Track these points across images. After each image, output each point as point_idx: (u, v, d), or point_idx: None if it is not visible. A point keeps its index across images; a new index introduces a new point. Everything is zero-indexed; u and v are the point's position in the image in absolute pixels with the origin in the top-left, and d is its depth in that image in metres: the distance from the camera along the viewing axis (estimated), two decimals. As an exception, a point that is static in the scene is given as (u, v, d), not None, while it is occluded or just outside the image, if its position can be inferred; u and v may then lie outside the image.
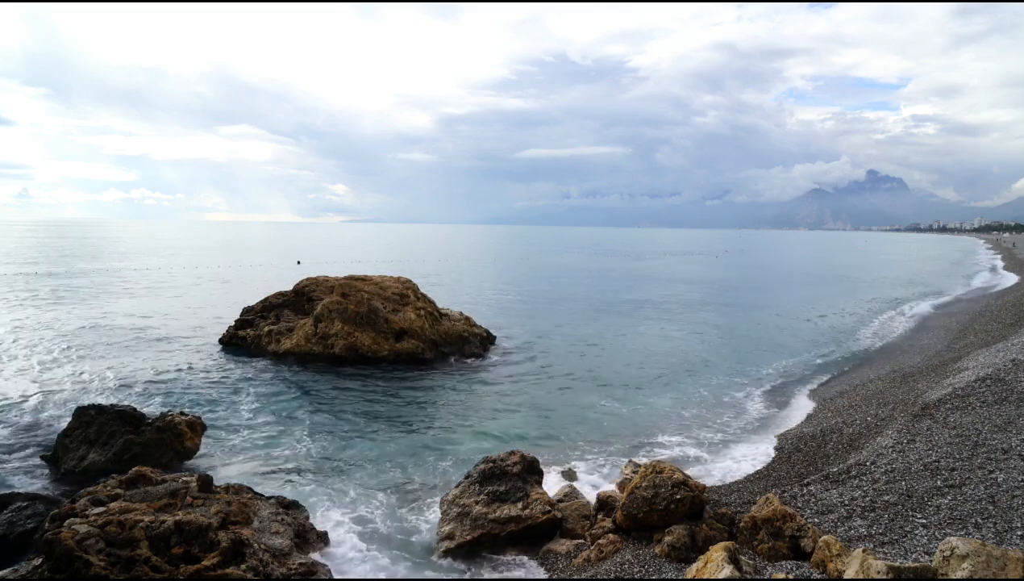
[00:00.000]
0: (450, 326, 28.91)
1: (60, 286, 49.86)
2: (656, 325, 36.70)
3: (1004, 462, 11.04)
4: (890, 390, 20.26)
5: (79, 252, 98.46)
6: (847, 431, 16.01)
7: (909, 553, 8.57)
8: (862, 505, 10.40)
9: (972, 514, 9.36)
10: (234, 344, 28.07)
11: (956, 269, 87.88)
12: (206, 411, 18.78)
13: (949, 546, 6.50)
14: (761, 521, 9.60)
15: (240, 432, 17.45)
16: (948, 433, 13.29)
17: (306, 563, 9.92)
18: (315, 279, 29.90)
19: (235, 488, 11.59)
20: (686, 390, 22.62)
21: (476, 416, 19.43)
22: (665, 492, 10.51)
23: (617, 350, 29.48)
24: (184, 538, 9.26)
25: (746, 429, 18.31)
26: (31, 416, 18.38)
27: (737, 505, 11.73)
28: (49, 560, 8.59)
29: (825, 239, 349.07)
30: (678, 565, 9.49)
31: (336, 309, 26.70)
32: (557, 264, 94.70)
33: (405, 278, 30.84)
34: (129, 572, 8.61)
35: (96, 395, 20.32)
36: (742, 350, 29.85)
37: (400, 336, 26.91)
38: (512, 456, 12.92)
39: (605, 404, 20.82)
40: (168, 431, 15.27)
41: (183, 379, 22.78)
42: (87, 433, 15.34)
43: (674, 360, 27.47)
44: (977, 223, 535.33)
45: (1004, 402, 14.90)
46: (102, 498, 10.29)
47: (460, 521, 11.72)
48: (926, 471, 11.32)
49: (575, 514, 12.02)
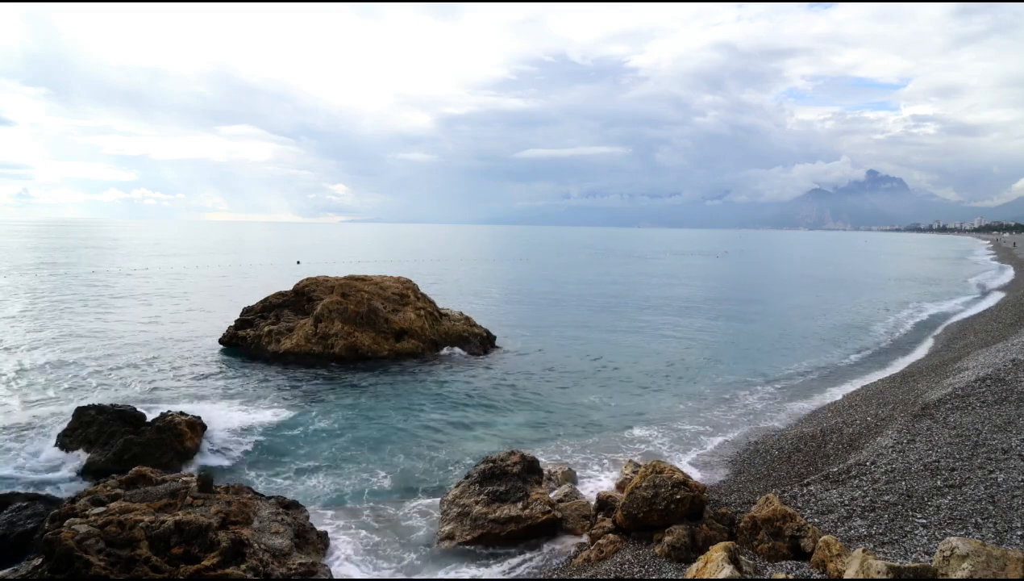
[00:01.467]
0: (450, 326, 28.91)
1: (60, 286, 49.87)
2: (656, 325, 36.70)
3: (1004, 462, 11.04)
4: (890, 390, 20.27)
5: (80, 252, 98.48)
6: (847, 431, 16.01)
7: (909, 553, 8.57)
8: (862, 505, 10.40)
9: (972, 514, 9.36)
10: (234, 344, 28.06)
11: (956, 269, 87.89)
12: (206, 411, 18.77)
13: (949, 546, 6.50)
14: (761, 521, 9.60)
15: (240, 432, 17.45)
16: (948, 433, 13.29)
17: (306, 563, 9.92)
18: (315, 279, 29.90)
19: (235, 488, 11.60)
20: (687, 390, 22.61)
21: (476, 416, 19.43)
22: (665, 492, 10.52)
23: (617, 350, 29.48)
24: (184, 538, 9.26)
25: (747, 428, 18.30)
26: (31, 416, 18.38)
27: (737, 505, 11.73)
28: (49, 560, 8.59)
29: (825, 239, 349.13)
30: (678, 565, 9.49)
31: (336, 309, 26.70)
32: (557, 264, 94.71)
33: (405, 278, 30.85)
34: (129, 572, 8.61)
35: (96, 395, 20.31)
36: (742, 350, 29.85)
37: (400, 336, 26.91)
38: (512, 456, 12.93)
39: (605, 404, 20.81)
40: (168, 431, 15.28)
41: (183, 379, 22.78)
42: (87, 433, 15.35)
43: (674, 360, 27.46)
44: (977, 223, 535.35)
45: (1004, 402, 14.91)
46: (102, 498, 10.30)
47: (460, 521, 11.73)
48: (926, 471, 11.32)
49: (575, 514, 12.02)
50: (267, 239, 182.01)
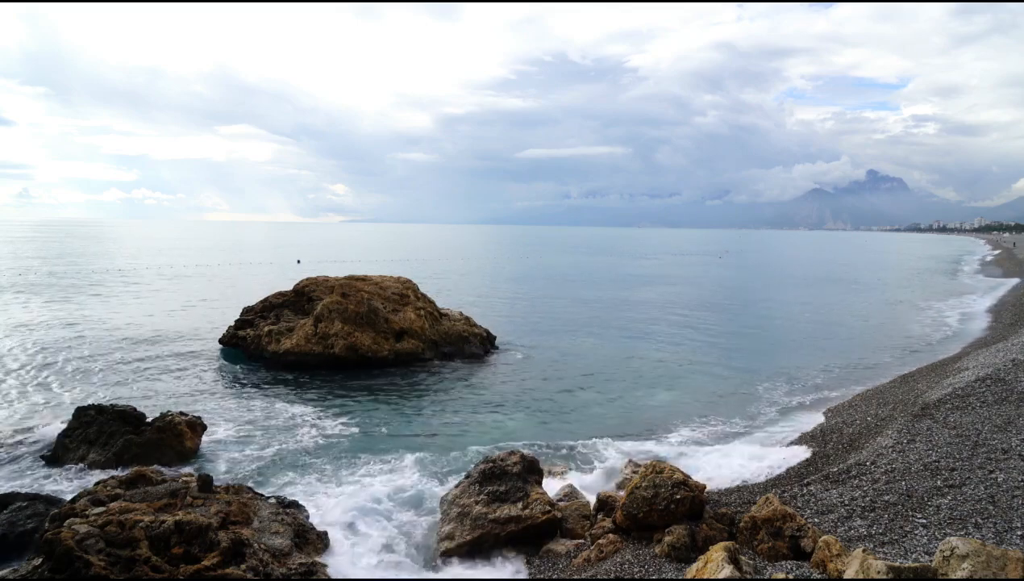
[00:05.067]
0: (450, 326, 28.90)
1: (61, 286, 49.87)
2: (656, 325, 36.70)
3: (1004, 462, 11.05)
4: (890, 390, 20.27)
5: (80, 252, 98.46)
6: (847, 431, 16.02)
7: (909, 553, 8.57)
8: (862, 505, 10.40)
9: (972, 514, 9.36)
10: (234, 344, 28.06)
11: (956, 269, 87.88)
12: (206, 411, 18.78)
13: (949, 546, 6.50)
14: (761, 521, 9.60)
15: (240, 432, 17.45)
16: (948, 433, 13.29)
17: (306, 563, 9.91)
18: (315, 279, 29.89)
19: (235, 488, 11.59)
20: (687, 390, 22.62)
21: (476, 416, 19.43)
22: (665, 492, 10.51)
23: (617, 350, 29.48)
24: (184, 538, 9.26)
25: (746, 428, 18.31)
26: (31, 416, 18.39)
27: (737, 505, 11.73)
28: (49, 560, 8.59)
29: (825, 239, 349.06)
30: (678, 565, 9.49)
31: (336, 309, 26.70)
32: (557, 264, 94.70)
33: (405, 278, 30.84)
34: (129, 572, 8.60)
35: (96, 395, 20.31)
36: (743, 350, 29.86)
37: (400, 336, 26.90)
38: (512, 456, 12.92)
39: (605, 403, 20.82)
40: (168, 431, 15.28)
41: (183, 379, 22.79)
42: (87, 433, 15.35)
43: (674, 360, 27.46)
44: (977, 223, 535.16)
45: (1004, 402, 14.91)
46: (102, 498, 10.29)
47: (460, 521, 11.72)
48: (926, 471, 11.32)
49: (575, 514, 12.02)
50: (267, 239, 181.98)
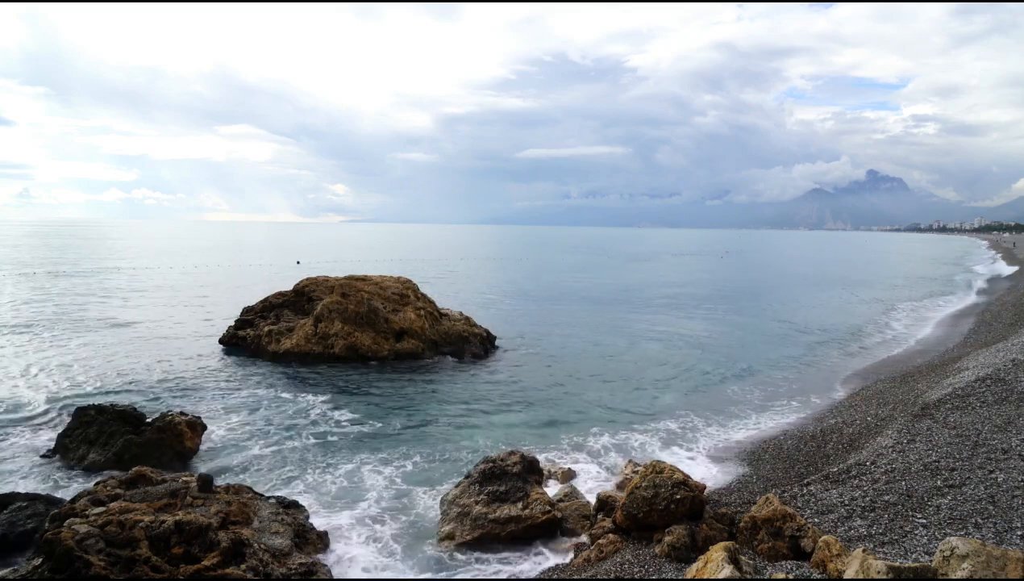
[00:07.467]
0: (450, 326, 28.90)
1: (61, 286, 49.86)
2: (657, 325, 36.69)
3: (1004, 462, 11.05)
4: (890, 390, 20.27)
5: (81, 252, 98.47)
6: (847, 431, 16.02)
7: (909, 553, 8.57)
8: (862, 505, 10.40)
9: (972, 514, 9.36)
10: (234, 344, 28.06)
11: (956, 269, 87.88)
12: (206, 411, 18.77)
13: (949, 546, 6.50)
14: (761, 521, 9.60)
15: (240, 432, 17.45)
16: (948, 433, 13.29)
17: (306, 563, 9.92)
18: (315, 279, 29.91)
19: (235, 488, 11.59)
20: (687, 390, 22.61)
21: (476, 416, 19.43)
22: (665, 492, 10.51)
23: (617, 350, 29.48)
24: (184, 538, 9.26)
25: (747, 428, 18.31)
26: (31, 416, 18.38)
27: (737, 505, 11.73)
28: (49, 560, 8.59)
29: (825, 239, 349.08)
30: (678, 565, 9.49)
31: (336, 309, 26.70)
32: (557, 264, 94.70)
33: (405, 278, 30.84)
34: (129, 572, 8.61)
35: (96, 395, 20.30)
36: (743, 350, 29.84)
37: (400, 336, 26.90)
38: (512, 456, 12.93)
39: (605, 404, 20.81)
40: (168, 431, 15.28)
41: (183, 379, 22.78)
42: (87, 433, 15.35)
43: (674, 360, 27.46)
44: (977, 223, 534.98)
45: (1004, 402, 14.91)
46: (102, 498, 10.30)
47: (460, 521, 11.72)
48: (926, 471, 11.32)
49: (575, 514, 12.02)
50: (267, 239, 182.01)
